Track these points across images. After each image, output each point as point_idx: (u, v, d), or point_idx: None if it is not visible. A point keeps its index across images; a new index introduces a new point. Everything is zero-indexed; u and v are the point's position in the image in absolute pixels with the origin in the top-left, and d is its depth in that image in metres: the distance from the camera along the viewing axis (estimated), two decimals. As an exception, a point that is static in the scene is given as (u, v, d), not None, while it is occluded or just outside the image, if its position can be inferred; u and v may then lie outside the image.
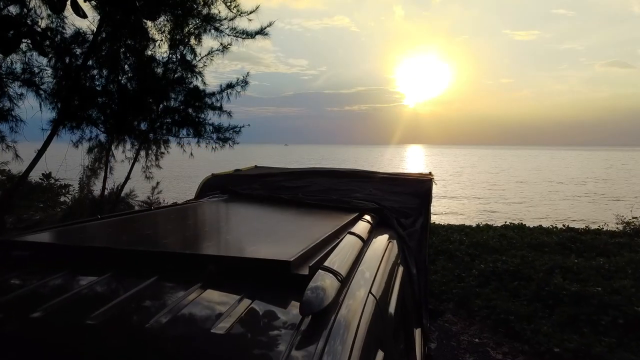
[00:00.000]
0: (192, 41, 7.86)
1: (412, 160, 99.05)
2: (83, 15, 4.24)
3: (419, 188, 3.05)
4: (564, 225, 8.71)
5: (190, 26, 7.63)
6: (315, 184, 3.15)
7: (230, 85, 8.19)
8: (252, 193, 2.78)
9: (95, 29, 5.83)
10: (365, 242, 1.67)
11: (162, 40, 7.71)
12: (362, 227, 1.85)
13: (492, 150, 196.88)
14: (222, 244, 1.47)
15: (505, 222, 9.09)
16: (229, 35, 7.24)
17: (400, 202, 2.78)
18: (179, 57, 8.00)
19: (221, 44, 7.54)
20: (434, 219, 9.99)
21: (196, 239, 1.54)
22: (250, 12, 6.90)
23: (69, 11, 4.58)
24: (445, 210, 20.68)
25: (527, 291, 5.41)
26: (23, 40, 4.83)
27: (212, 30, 7.23)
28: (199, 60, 8.04)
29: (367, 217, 2.13)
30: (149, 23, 7.32)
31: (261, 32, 7.11)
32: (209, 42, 11.23)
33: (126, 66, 7.30)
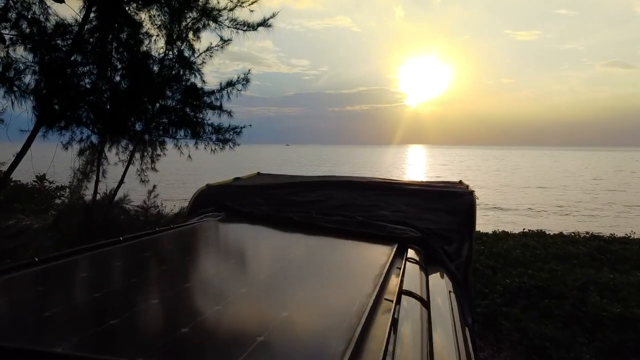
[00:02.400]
0: (191, 36, 7.33)
1: (413, 161, 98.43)
2: (59, -1, 3.70)
3: (458, 203, 2.50)
4: (587, 233, 8.14)
5: (188, 20, 7.10)
6: (331, 198, 2.60)
7: (230, 83, 7.63)
8: (255, 211, 2.24)
9: (80, 19, 5.28)
10: (426, 305, 1.12)
11: (157, 35, 7.19)
12: (415, 276, 1.29)
13: (492, 151, 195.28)
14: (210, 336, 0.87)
15: (524, 229, 8.52)
16: (228, 27, 6.67)
17: (437, 222, 2.23)
18: (176, 53, 7.46)
19: (221, 37, 6.99)
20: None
21: (169, 320, 0.94)
22: (252, 3, 6.35)
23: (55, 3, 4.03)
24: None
25: (560, 311, 4.84)
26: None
27: (211, 23, 6.67)
28: (198, 56, 7.50)
29: (413, 252, 1.57)
30: (143, 15, 6.79)
31: (264, 23, 6.54)
32: (208, 38, 10.71)
33: (118, 63, 6.76)
